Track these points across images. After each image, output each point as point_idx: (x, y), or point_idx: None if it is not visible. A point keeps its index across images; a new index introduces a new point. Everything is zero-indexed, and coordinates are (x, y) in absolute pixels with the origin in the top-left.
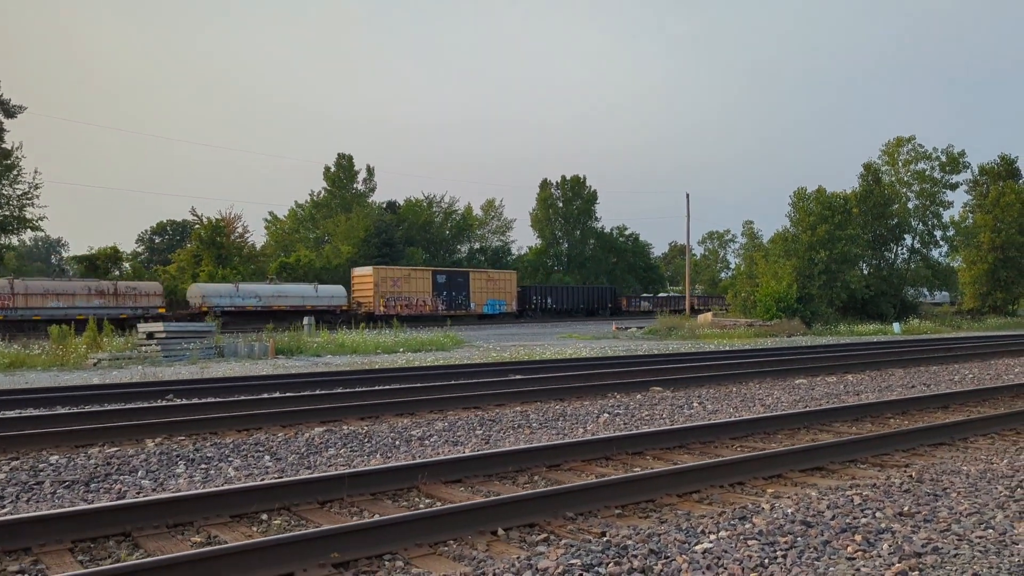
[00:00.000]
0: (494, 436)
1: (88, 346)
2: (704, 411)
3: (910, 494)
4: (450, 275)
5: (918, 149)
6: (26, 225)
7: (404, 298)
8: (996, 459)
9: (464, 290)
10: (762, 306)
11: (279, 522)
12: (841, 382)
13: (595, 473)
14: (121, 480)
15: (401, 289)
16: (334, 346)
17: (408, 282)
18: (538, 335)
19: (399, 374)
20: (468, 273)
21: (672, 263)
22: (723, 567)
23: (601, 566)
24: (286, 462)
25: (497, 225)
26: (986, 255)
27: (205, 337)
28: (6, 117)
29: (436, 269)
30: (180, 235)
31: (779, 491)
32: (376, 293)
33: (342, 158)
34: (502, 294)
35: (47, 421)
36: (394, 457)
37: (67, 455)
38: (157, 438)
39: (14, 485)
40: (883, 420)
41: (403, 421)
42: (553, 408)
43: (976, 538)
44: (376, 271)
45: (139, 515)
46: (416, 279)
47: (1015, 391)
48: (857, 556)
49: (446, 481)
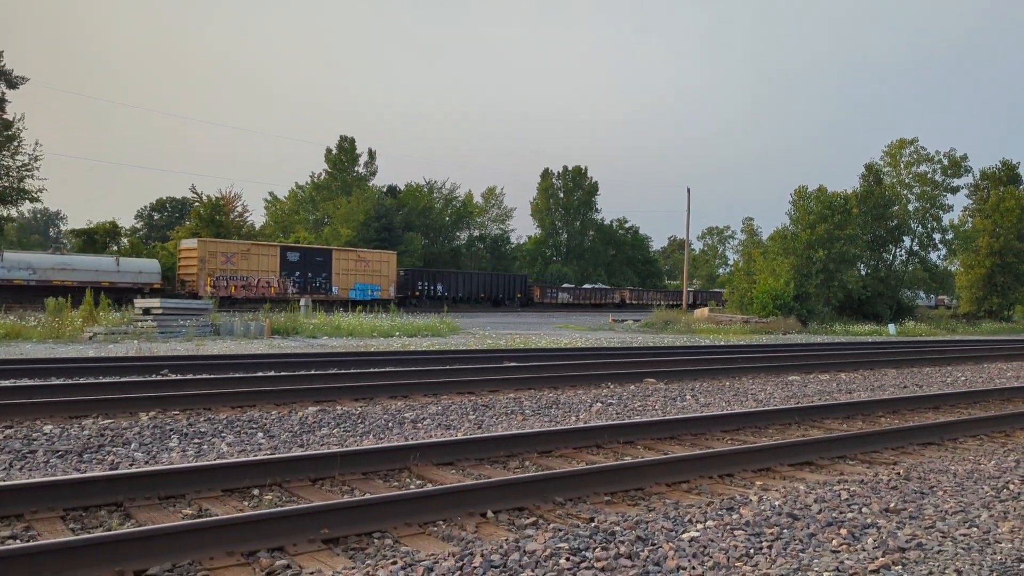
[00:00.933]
0: (487, 421)
1: (84, 320)
2: (697, 404)
3: (897, 491)
4: (306, 253)
5: (920, 151)
6: (25, 196)
7: (241, 278)
8: (984, 460)
9: (324, 271)
10: (759, 303)
11: (271, 497)
12: (834, 380)
13: (586, 460)
14: (114, 452)
15: (237, 267)
16: (330, 328)
17: (247, 259)
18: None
19: (394, 357)
20: (330, 252)
21: (671, 257)
22: (709, 555)
23: (588, 550)
24: (279, 440)
25: (497, 213)
26: (984, 260)
27: (201, 315)
28: (8, 88)
29: (287, 245)
30: (180, 212)
31: (767, 484)
32: (202, 270)
33: (344, 140)
34: (377, 278)
35: (41, 391)
36: (387, 438)
37: (61, 425)
38: (151, 412)
39: (7, 453)
40: (874, 418)
41: (397, 403)
42: (547, 396)
43: (960, 536)
44: (203, 244)
45: (131, 486)
46: (258, 256)
47: (1006, 394)
48: (841, 549)
49: (438, 463)
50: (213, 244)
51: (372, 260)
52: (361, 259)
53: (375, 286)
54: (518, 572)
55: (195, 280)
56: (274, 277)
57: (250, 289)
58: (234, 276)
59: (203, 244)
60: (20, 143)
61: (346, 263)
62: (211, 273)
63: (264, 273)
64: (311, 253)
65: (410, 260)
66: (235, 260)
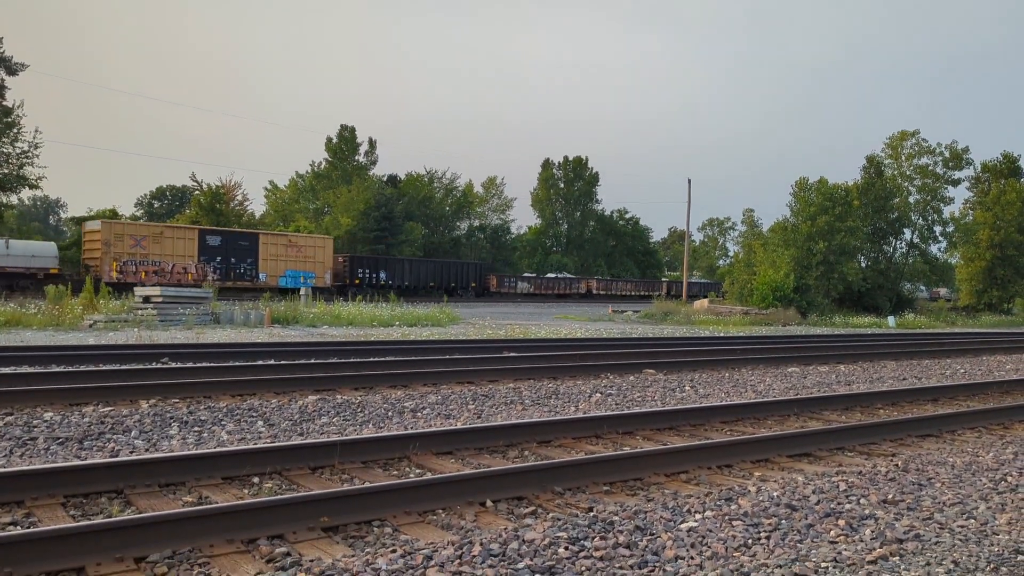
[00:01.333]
0: (486, 411)
1: (84, 307)
2: (696, 394)
3: (895, 483)
4: (229, 237)
5: (922, 144)
6: (25, 184)
7: (152, 263)
8: (982, 452)
9: (250, 257)
10: (759, 294)
11: (270, 485)
12: (833, 372)
13: (585, 450)
14: (114, 439)
15: (148, 251)
16: (330, 317)
17: (159, 242)
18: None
19: (393, 346)
20: (257, 236)
21: (671, 248)
22: (707, 545)
23: (587, 540)
24: (279, 428)
25: (497, 203)
26: (984, 252)
27: (201, 303)
28: (7, 75)
29: (207, 228)
30: (180, 201)
31: (766, 475)
32: (107, 254)
33: (344, 129)
34: (311, 264)
35: (42, 379)
36: (386, 427)
37: (61, 413)
38: (151, 399)
39: (8, 440)
40: (873, 410)
41: (396, 393)
42: (546, 386)
43: (958, 527)
44: (107, 225)
45: (132, 473)
46: (173, 239)
47: (1005, 387)
48: (839, 540)
49: (437, 452)
50: (119, 226)
51: (305, 245)
52: (292, 244)
53: (309, 273)
54: (517, 561)
55: (99, 265)
56: (192, 263)
57: (163, 275)
58: (144, 261)
59: (108, 226)
60: (20, 130)
61: (275, 248)
62: (117, 258)
63: (180, 258)
64: (235, 237)
65: (411, 250)
66: (145, 244)
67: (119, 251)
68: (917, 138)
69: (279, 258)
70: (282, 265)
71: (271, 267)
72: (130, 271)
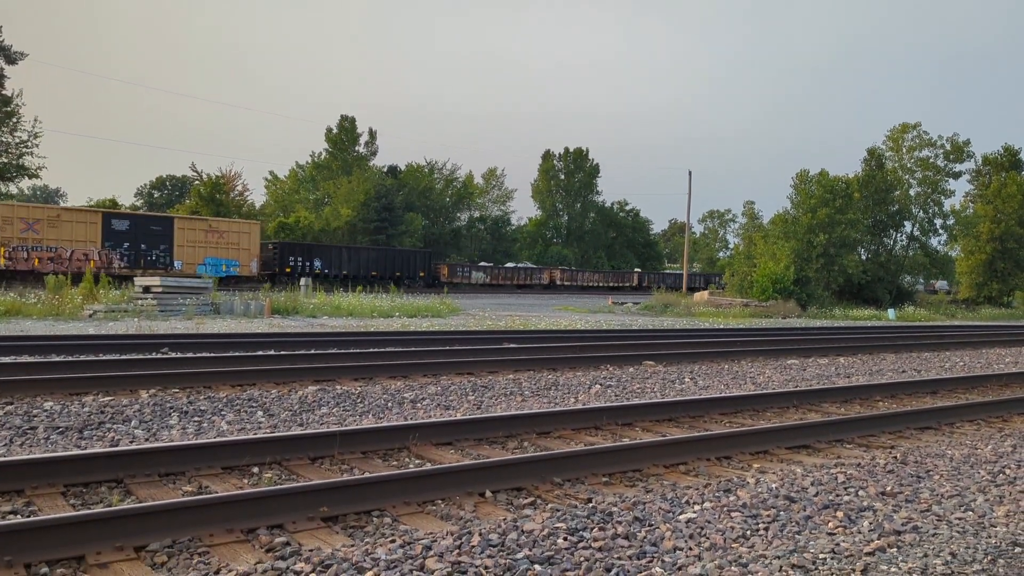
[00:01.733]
0: (486, 402)
1: (84, 297)
2: (695, 386)
3: (893, 475)
4: (138, 221)
5: (923, 136)
6: (24, 173)
7: (48, 248)
8: (981, 445)
9: (164, 243)
10: (759, 287)
11: (270, 475)
12: (833, 364)
13: (584, 442)
14: (114, 429)
15: (43, 236)
16: (330, 308)
17: (56, 226)
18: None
19: (393, 337)
20: (172, 220)
21: (671, 240)
22: (705, 536)
23: (586, 530)
24: (279, 418)
25: (498, 195)
26: (984, 245)
27: (201, 293)
28: (7, 64)
29: (113, 212)
30: (180, 191)
31: (765, 466)
32: None
33: (344, 120)
34: (234, 251)
35: (42, 368)
36: (386, 418)
37: (61, 402)
38: (151, 389)
39: (8, 429)
40: (872, 402)
41: (396, 383)
42: (546, 377)
43: (956, 519)
44: None
45: (132, 463)
46: (72, 223)
47: (1004, 380)
48: (837, 532)
49: (437, 443)
50: (8, 208)
51: (228, 231)
52: (213, 229)
53: (232, 261)
54: (516, 551)
55: None
56: (94, 249)
57: (60, 263)
58: (38, 247)
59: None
60: (19, 119)
61: (192, 233)
62: (5, 243)
63: (81, 244)
64: (146, 221)
65: (411, 240)
66: (39, 228)
67: (7, 236)
68: (918, 130)
69: (198, 244)
70: (201, 252)
71: (188, 254)
72: (20, 258)
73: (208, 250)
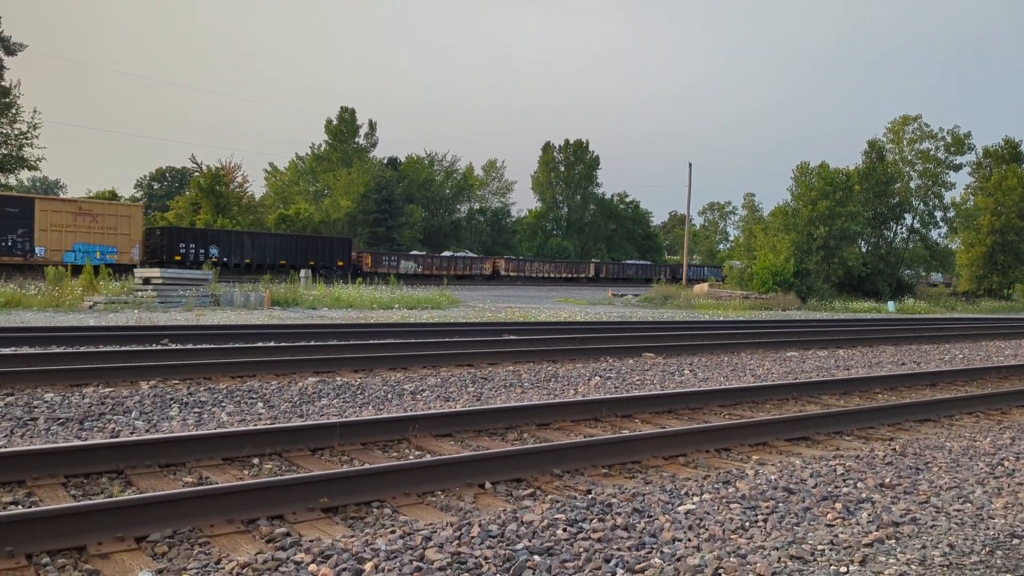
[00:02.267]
0: (486, 393)
1: (84, 289)
2: (695, 378)
3: (892, 467)
4: None
5: (924, 128)
6: (24, 165)
7: None
8: (979, 437)
9: (22, 227)
10: (759, 279)
11: (270, 466)
12: (832, 356)
13: (584, 433)
14: (115, 420)
15: None
16: (330, 300)
17: None
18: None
19: (393, 329)
20: (32, 201)
21: (671, 232)
22: (704, 528)
23: (585, 522)
24: (279, 410)
25: (498, 186)
26: (985, 238)
27: (201, 285)
28: (6, 55)
29: None
30: (179, 182)
31: (764, 458)
32: None
33: (344, 111)
34: (111, 237)
35: (42, 359)
36: (386, 409)
37: (61, 393)
38: (151, 381)
39: (8, 420)
40: (871, 395)
41: (396, 375)
42: (545, 369)
43: (954, 511)
44: None
45: (132, 454)
46: None
47: (1003, 372)
48: (836, 523)
49: (436, 435)
50: None
51: (103, 214)
52: (84, 212)
53: (109, 247)
54: (516, 542)
55: None
56: None
57: None
58: None
59: None
60: (18, 110)
61: (58, 216)
62: None
63: None
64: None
65: (411, 232)
66: None
67: None
68: (919, 123)
69: (65, 229)
70: (70, 238)
71: (53, 240)
72: None
73: (79, 235)
